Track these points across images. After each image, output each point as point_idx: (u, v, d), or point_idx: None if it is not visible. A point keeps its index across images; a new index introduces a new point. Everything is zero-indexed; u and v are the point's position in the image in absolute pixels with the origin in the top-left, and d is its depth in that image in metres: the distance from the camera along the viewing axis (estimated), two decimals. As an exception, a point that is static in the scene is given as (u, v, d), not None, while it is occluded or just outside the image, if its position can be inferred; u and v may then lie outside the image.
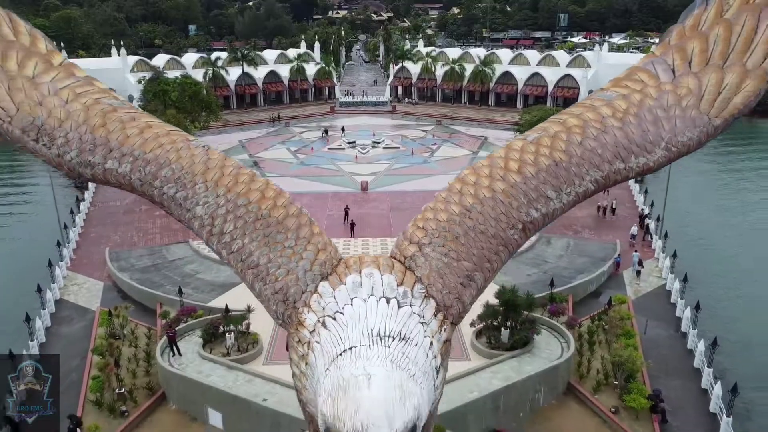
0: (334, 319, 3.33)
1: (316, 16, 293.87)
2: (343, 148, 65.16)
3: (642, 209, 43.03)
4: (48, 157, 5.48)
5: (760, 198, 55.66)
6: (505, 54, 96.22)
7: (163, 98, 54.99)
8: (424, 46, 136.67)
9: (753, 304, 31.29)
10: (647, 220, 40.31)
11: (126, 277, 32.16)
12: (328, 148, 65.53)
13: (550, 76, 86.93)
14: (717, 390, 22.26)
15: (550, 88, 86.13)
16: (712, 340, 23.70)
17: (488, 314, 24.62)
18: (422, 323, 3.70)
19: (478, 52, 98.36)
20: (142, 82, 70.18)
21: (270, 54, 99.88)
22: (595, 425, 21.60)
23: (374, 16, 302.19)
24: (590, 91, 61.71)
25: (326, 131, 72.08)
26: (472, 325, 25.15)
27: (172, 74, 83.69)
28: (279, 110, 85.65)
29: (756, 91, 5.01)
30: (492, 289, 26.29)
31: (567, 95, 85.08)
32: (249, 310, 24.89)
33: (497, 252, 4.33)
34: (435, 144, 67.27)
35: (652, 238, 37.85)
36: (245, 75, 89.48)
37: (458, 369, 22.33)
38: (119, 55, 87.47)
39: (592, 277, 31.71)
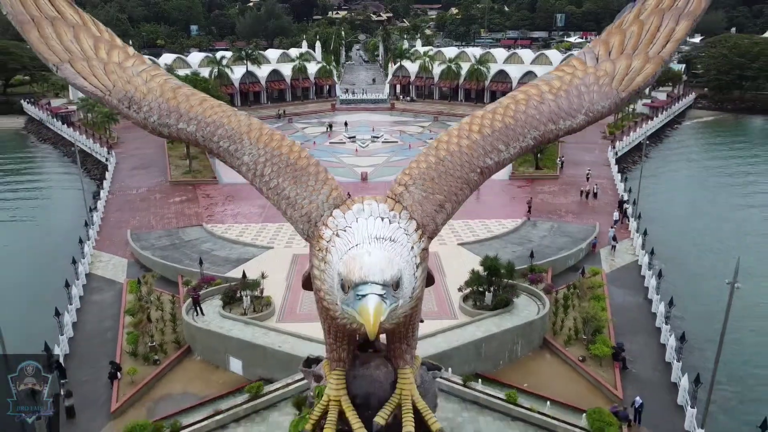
0: (344, 230, 6.17)
1: (316, 17, 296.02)
2: (344, 143, 68.45)
3: (621, 195, 46.33)
4: (137, 119, 8.88)
5: (731, 186, 59.14)
6: (500, 53, 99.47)
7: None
8: (423, 46, 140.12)
9: (713, 272, 34.57)
10: (625, 205, 43.63)
11: (148, 254, 35.48)
12: (330, 142, 68.86)
13: (543, 74, 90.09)
14: (672, 342, 25.59)
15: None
16: (669, 300, 27.03)
17: (474, 281, 27.94)
18: (406, 234, 6.94)
19: (474, 51, 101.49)
20: None
21: (273, 53, 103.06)
22: (565, 371, 24.91)
23: (373, 16, 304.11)
24: None
25: (330, 125, 75.64)
26: (459, 290, 28.51)
27: (180, 72, 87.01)
28: (283, 107, 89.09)
29: (653, 72, 8.18)
30: (478, 259, 29.65)
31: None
32: (263, 276, 28.22)
33: (462, 189, 7.58)
34: (431, 138, 70.40)
35: (629, 221, 41.15)
36: (249, 73, 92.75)
37: (447, 324, 25.69)
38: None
39: (570, 253, 35.05)
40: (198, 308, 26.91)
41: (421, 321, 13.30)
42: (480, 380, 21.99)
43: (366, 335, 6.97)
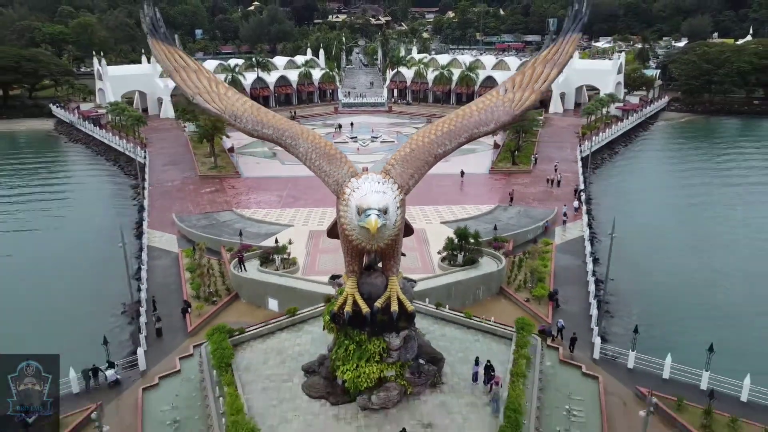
0: (358, 188, 17.24)
1: (316, 21, 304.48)
2: (347, 142, 77.55)
3: (578, 185, 55.46)
4: (239, 127, 20.23)
5: (682, 178, 68.33)
6: (488, 60, 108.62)
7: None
8: (419, 52, 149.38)
9: (643, 245, 43.66)
10: (581, 194, 52.72)
11: (194, 230, 44.57)
12: (335, 142, 77.91)
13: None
14: (592, 288, 34.70)
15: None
16: (595, 259, 36.16)
17: (448, 246, 37.01)
18: (391, 190, 18.77)
19: (465, 58, 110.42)
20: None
21: (280, 60, 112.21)
22: (513, 309, 33.96)
23: (372, 20, 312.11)
24: (561, 94, 75.17)
25: (339, 126, 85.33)
26: (438, 253, 37.57)
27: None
28: (293, 109, 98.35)
29: (536, 99, 19.93)
30: (451, 230, 38.72)
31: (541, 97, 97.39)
32: (290, 242, 37.32)
33: (423, 166, 18.90)
34: (424, 138, 79.65)
35: (582, 206, 50.23)
36: (259, 79, 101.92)
37: (426, 276, 34.76)
38: (149, 62, 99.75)
39: (529, 228, 44.21)
40: (242, 265, 35.95)
41: (403, 254, 24.38)
42: (447, 306, 30.94)
43: (370, 257, 17.60)
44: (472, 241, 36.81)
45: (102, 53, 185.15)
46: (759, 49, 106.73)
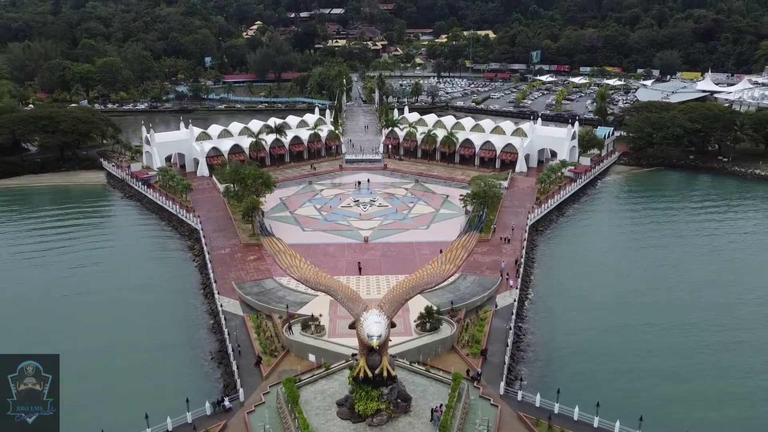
0: (366, 319, 40.40)
1: (317, 45, 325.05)
2: (351, 206, 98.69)
3: (518, 258, 76.70)
4: (304, 284, 44.39)
5: (617, 230, 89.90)
6: (468, 122, 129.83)
7: (243, 183, 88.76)
8: (412, 92, 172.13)
9: (570, 306, 65.17)
10: (519, 268, 74.08)
11: (251, 299, 65.80)
12: (341, 206, 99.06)
13: (498, 143, 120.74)
14: (510, 345, 56.07)
15: (498, 152, 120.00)
16: (514, 325, 57.72)
17: (421, 316, 58.30)
18: (384, 321, 43.67)
19: (448, 121, 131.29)
20: (225, 167, 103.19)
21: (292, 120, 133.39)
22: (459, 360, 55.20)
23: (370, 44, 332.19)
24: (526, 155, 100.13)
25: (359, 182, 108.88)
26: (414, 321, 58.94)
27: (225, 142, 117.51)
28: (311, 163, 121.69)
29: (455, 269, 44.87)
30: (423, 305, 60.14)
31: (510, 158, 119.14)
32: (320, 315, 58.80)
33: (401, 304, 43.56)
34: (412, 202, 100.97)
35: (518, 276, 71.57)
36: (277, 140, 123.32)
37: (405, 339, 56.07)
38: (187, 128, 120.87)
39: (477, 298, 65.52)
40: (290, 329, 57.13)
41: (393, 325, 47.75)
42: (417, 363, 52.09)
43: (372, 347, 39.80)
44: (435, 316, 58.18)
45: (126, 90, 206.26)
46: (691, 115, 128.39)
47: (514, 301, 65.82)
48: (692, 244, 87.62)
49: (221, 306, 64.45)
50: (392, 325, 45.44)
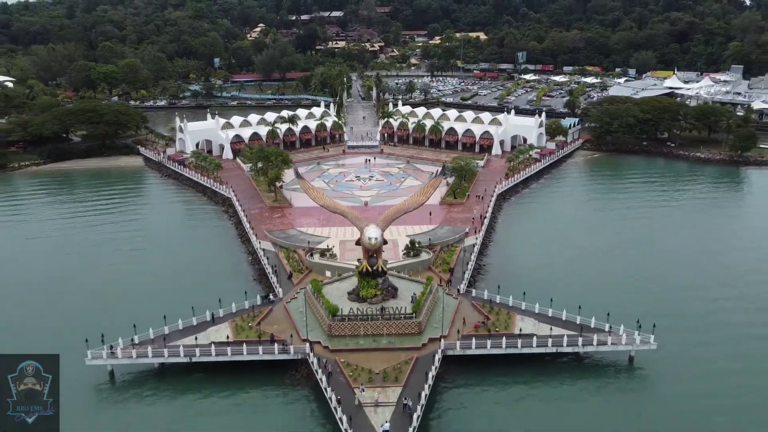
0: (367, 228, 62.95)
1: (318, 47, 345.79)
2: (353, 180, 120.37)
3: (483, 213, 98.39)
4: (326, 209, 67.10)
5: (571, 199, 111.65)
6: (452, 113, 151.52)
7: (268, 160, 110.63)
8: (407, 90, 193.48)
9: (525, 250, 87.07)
10: (483, 218, 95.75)
11: (281, 240, 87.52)
12: (345, 180, 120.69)
13: (477, 130, 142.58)
14: (471, 265, 77.80)
15: (477, 138, 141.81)
16: (477, 249, 79.61)
17: (407, 247, 80.00)
18: (379, 231, 67.06)
19: (436, 112, 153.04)
20: (252, 149, 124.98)
21: (302, 112, 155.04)
22: (434, 276, 76.87)
23: (368, 45, 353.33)
24: (501, 141, 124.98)
25: (368, 160, 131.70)
26: (402, 251, 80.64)
27: (246, 130, 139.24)
28: (325, 146, 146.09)
29: (426, 199, 69.30)
30: (408, 240, 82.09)
31: (487, 144, 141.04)
32: (332, 247, 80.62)
33: (390, 222, 66.53)
34: (403, 178, 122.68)
35: (482, 224, 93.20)
36: (289, 129, 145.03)
37: (395, 263, 77.79)
38: (213, 119, 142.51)
39: (450, 239, 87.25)
40: (312, 255, 78.79)
41: (385, 242, 72.37)
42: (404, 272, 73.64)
43: (370, 251, 62.86)
44: (417, 245, 79.94)
45: (146, 89, 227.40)
46: (643, 107, 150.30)
47: (476, 239, 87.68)
48: (631, 206, 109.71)
49: (259, 243, 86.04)
50: (384, 241, 66.90)
